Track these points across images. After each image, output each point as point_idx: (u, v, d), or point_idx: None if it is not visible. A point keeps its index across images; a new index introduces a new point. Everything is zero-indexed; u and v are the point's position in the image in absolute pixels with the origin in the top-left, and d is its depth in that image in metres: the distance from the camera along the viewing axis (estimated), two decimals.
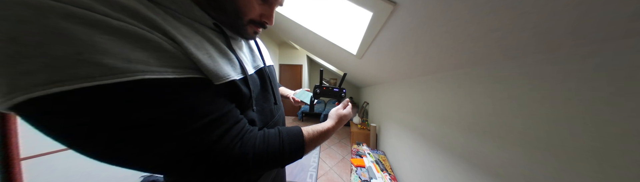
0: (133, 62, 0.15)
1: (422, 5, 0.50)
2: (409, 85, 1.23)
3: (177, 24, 0.21)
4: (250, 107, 0.31)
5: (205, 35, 0.24)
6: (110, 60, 0.14)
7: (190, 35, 0.22)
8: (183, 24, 0.22)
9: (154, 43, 0.17)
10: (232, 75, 0.25)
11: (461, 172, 0.63)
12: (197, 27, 0.24)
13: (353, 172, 1.32)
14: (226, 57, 0.26)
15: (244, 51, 0.34)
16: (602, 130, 0.29)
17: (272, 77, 0.43)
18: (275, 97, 0.43)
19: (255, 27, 0.31)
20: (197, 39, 0.22)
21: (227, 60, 0.26)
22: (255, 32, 0.32)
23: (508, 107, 0.47)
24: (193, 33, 0.23)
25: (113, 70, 0.14)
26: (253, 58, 0.37)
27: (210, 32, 0.26)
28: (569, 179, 0.33)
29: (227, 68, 0.25)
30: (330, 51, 1.86)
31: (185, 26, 0.22)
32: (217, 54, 0.24)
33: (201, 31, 0.24)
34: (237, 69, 0.27)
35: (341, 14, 1.00)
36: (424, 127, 0.96)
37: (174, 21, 0.21)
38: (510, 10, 0.35)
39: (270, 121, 0.40)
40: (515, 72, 0.46)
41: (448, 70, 0.76)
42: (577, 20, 0.28)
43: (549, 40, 0.36)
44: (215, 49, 0.24)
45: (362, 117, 2.65)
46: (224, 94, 0.24)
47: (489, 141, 0.52)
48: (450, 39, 0.56)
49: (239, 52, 0.31)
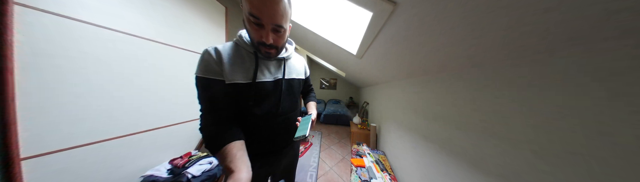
0: (201, 71, 0.45)
1: (422, 5, 0.50)
2: (409, 85, 1.23)
3: (233, 56, 0.47)
4: (248, 100, 0.49)
5: (243, 58, 0.48)
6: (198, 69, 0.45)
7: (234, 59, 0.47)
8: (238, 53, 0.48)
9: (214, 69, 0.45)
10: (238, 80, 0.46)
11: (461, 172, 0.63)
12: (244, 53, 0.49)
13: (353, 172, 1.32)
14: (244, 70, 0.47)
15: (270, 67, 0.53)
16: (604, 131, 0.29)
17: (288, 86, 0.58)
18: (280, 103, 0.56)
19: (265, 48, 0.46)
20: (237, 60, 0.47)
21: (242, 73, 0.47)
22: (267, 52, 0.48)
23: (508, 107, 0.47)
24: (237, 57, 0.47)
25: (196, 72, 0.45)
26: (276, 72, 0.55)
27: (249, 55, 0.49)
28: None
29: (238, 76, 0.46)
30: (330, 51, 1.86)
31: (237, 54, 0.48)
32: (239, 69, 0.47)
33: (243, 55, 0.48)
34: (249, 77, 0.48)
35: (341, 14, 1.00)
36: (424, 127, 0.96)
37: (233, 54, 0.47)
38: (510, 9, 0.35)
39: (273, 122, 0.56)
40: (516, 73, 0.46)
41: (448, 71, 0.76)
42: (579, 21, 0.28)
43: (549, 41, 0.36)
44: (240, 65, 0.47)
45: (362, 117, 2.65)
46: (229, 88, 0.46)
47: (489, 141, 0.53)
48: (450, 39, 0.56)
49: (263, 67, 0.51)
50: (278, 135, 0.59)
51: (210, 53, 0.45)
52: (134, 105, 0.83)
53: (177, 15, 1.05)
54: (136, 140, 0.86)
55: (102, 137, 0.71)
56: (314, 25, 1.37)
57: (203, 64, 0.44)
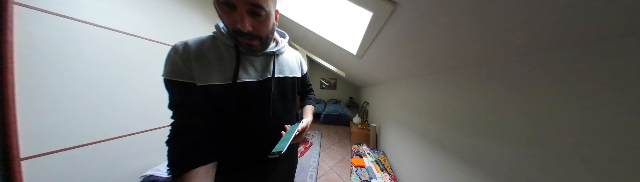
0: (167, 72, 0.37)
1: (422, 5, 0.50)
2: (409, 85, 1.23)
3: (207, 51, 0.39)
4: (230, 105, 0.42)
5: (220, 54, 0.40)
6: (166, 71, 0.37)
7: (208, 56, 0.39)
8: (215, 48, 0.40)
9: (182, 69, 0.37)
10: (213, 81, 0.38)
11: (461, 172, 0.63)
12: (223, 48, 0.41)
13: (353, 172, 1.32)
14: (222, 68, 0.40)
15: (256, 64, 0.45)
16: None
17: (279, 87, 0.50)
18: (272, 105, 0.48)
19: (244, 38, 0.38)
20: (213, 57, 0.39)
21: (219, 72, 0.39)
22: (247, 44, 0.39)
23: (509, 107, 0.47)
24: (213, 53, 0.40)
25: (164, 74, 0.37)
26: (264, 70, 0.46)
27: (228, 50, 0.41)
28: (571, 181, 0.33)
29: (214, 76, 0.38)
30: (331, 51, 1.86)
31: (214, 49, 0.40)
32: (215, 68, 0.39)
33: (221, 51, 0.41)
34: (229, 77, 0.40)
35: (341, 14, 1.00)
36: (424, 127, 0.96)
37: (207, 49, 0.39)
38: (512, 9, 0.35)
39: (265, 129, 0.48)
40: (517, 72, 0.46)
41: (448, 71, 0.76)
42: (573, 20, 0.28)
43: (547, 38, 0.36)
44: (218, 63, 0.39)
45: (362, 117, 2.65)
46: (203, 92, 0.39)
47: (489, 141, 0.52)
48: (450, 39, 0.56)
49: (248, 65, 0.43)
50: (271, 143, 0.50)
51: (178, 49, 0.37)
52: (134, 105, 0.83)
53: (177, 15, 1.05)
54: (136, 140, 0.86)
55: (102, 137, 0.71)
56: (314, 25, 1.37)
57: (169, 63, 0.37)
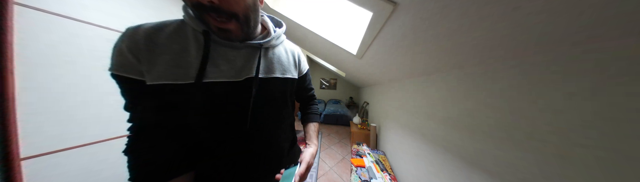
0: (112, 65, 0.30)
1: (422, 5, 0.50)
2: (409, 85, 1.23)
3: (168, 38, 0.30)
4: (188, 112, 0.32)
5: (185, 42, 0.30)
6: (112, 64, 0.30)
7: (168, 44, 0.29)
8: (180, 35, 0.31)
9: (130, 62, 0.29)
10: (167, 80, 0.29)
11: (461, 172, 0.63)
12: (190, 35, 0.31)
13: (353, 172, 1.32)
14: (183, 62, 0.30)
15: (232, 59, 0.33)
16: None
17: (264, 91, 0.37)
18: (251, 116, 0.36)
19: (211, 17, 0.27)
20: (174, 46, 0.30)
21: (177, 67, 0.29)
22: (219, 28, 0.29)
23: (509, 107, 0.47)
24: (174, 41, 0.30)
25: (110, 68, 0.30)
26: (244, 67, 0.34)
27: (196, 38, 0.31)
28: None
29: (169, 73, 0.29)
30: (331, 51, 1.86)
31: (177, 35, 0.30)
32: (173, 61, 0.29)
33: (188, 38, 0.31)
34: (190, 75, 0.30)
35: (341, 14, 1.00)
36: (424, 127, 0.96)
37: (168, 36, 0.30)
38: (510, 9, 0.35)
39: (235, 144, 0.36)
40: (517, 72, 0.46)
41: (448, 71, 0.76)
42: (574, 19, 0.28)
43: (548, 41, 0.36)
44: (178, 54, 0.30)
45: (362, 117, 2.65)
46: (153, 92, 0.30)
47: (489, 141, 0.52)
48: (451, 39, 0.56)
49: (219, 59, 0.32)
50: (248, 166, 0.39)
51: (126, 35, 0.28)
52: None
53: (177, 15, 1.05)
54: None
55: (103, 137, 0.71)
56: (314, 25, 1.37)
57: (116, 53, 0.28)
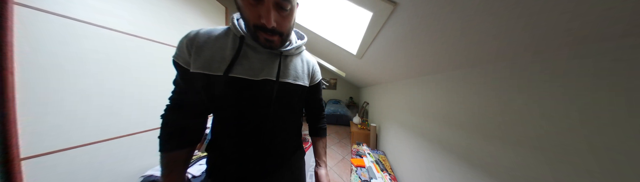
0: (175, 54, 0.39)
1: (422, 5, 0.50)
2: (409, 85, 1.23)
3: (214, 40, 0.38)
4: (215, 100, 0.40)
5: (225, 43, 0.39)
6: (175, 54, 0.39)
7: (212, 44, 0.38)
8: (223, 38, 0.39)
9: (184, 54, 0.38)
10: (204, 70, 0.37)
11: (461, 172, 0.63)
12: (231, 38, 0.39)
13: (353, 172, 1.32)
14: (219, 58, 0.37)
15: (256, 61, 0.40)
16: None
17: (282, 93, 0.43)
18: (273, 110, 0.42)
19: (265, 34, 0.35)
20: (216, 45, 0.38)
21: (214, 61, 0.37)
22: (267, 40, 0.36)
23: (509, 108, 0.47)
24: (217, 42, 0.38)
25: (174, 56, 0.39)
26: (264, 69, 0.41)
27: (234, 41, 0.39)
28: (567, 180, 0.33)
29: (207, 65, 0.36)
30: (331, 51, 1.86)
31: (221, 38, 0.39)
32: (212, 56, 0.37)
33: (228, 41, 0.39)
34: (221, 68, 0.37)
35: (341, 14, 1.00)
36: (424, 127, 0.96)
37: (215, 38, 0.39)
38: (510, 9, 0.35)
39: (258, 129, 0.43)
40: (516, 72, 0.46)
41: (448, 71, 0.76)
42: None
43: (549, 40, 0.36)
44: (217, 51, 0.37)
45: (362, 117, 2.65)
46: (194, 78, 0.38)
47: (489, 141, 0.52)
48: (451, 39, 0.56)
49: (245, 60, 0.39)
50: (261, 154, 0.44)
51: (189, 35, 0.38)
52: (134, 104, 0.83)
53: (177, 15, 1.05)
54: (136, 140, 0.86)
55: (102, 137, 0.71)
56: (314, 25, 1.37)
57: (178, 46, 0.39)
